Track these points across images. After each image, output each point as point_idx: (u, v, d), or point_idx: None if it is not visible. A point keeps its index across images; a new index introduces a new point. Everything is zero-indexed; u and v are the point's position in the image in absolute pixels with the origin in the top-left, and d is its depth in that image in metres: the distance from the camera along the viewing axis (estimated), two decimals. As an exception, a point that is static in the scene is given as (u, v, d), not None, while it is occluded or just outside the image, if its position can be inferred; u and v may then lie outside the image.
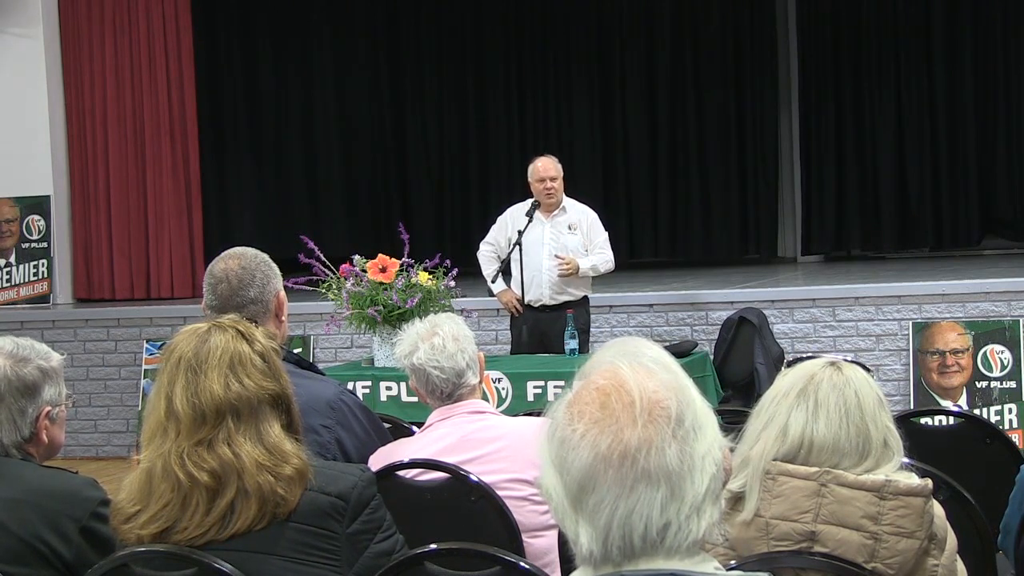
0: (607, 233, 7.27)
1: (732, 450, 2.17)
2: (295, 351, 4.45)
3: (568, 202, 7.24)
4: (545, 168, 7.14)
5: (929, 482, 2.44)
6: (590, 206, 7.35)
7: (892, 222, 11.60)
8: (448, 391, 3.35)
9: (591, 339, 7.51)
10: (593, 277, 7.32)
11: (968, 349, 7.55)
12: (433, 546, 2.51)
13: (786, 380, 2.54)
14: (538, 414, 2.74)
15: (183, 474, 2.34)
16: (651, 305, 8.28)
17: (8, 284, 10.00)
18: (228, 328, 2.44)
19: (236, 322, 2.48)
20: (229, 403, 2.36)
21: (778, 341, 7.87)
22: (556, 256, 7.05)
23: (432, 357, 3.33)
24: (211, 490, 2.34)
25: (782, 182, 12.28)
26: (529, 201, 7.20)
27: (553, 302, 7.14)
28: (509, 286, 7.25)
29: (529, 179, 7.21)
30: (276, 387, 2.42)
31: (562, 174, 7.19)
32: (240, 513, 2.34)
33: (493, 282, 7.26)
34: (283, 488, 2.34)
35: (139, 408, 8.72)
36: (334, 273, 6.52)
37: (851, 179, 11.77)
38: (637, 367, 1.60)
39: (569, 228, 7.16)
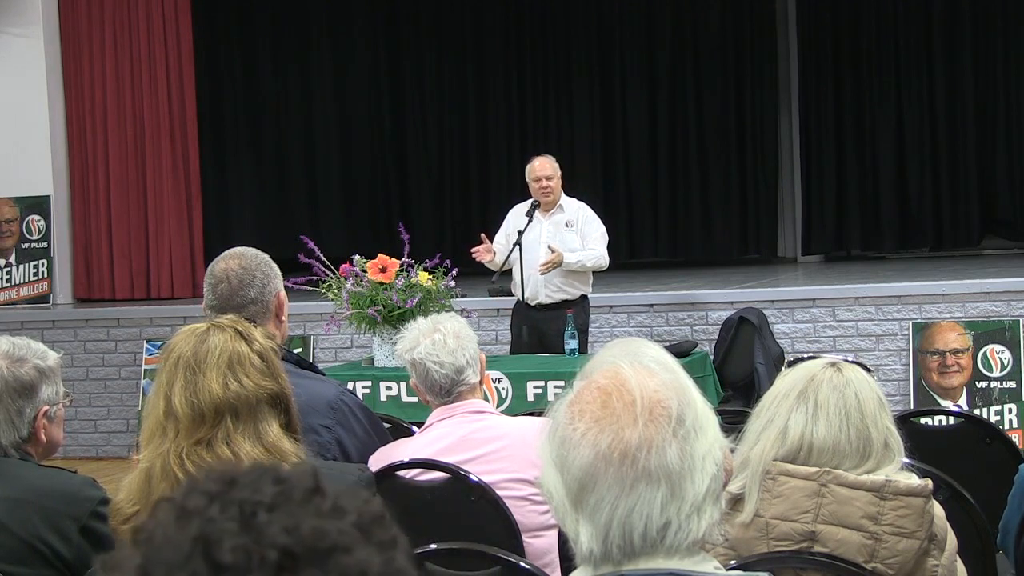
0: (604, 228, 7.21)
1: (732, 451, 2.17)
2: (295, 351, 4.45)
3: (565, 200, 7.22)
4: (541, 167, 7.13)
5: (929, 482, 2.43)
6: (590, 204, 7.34)
7: (892, 222, 11.61)
8: (447, 387, 3.35)
9: (590, 339, 7.51)
10: (594, 276, 7.30)
11: (968, 349, 7.54)
12: (433, 546, 2.51)
13: (786, 381, 2.53)
14: (538, 414, 2.74)
15: (182, 474, 2.34)
16: (651, 305, 8.27)
17: (8, 284, 10.00)
18: (227, 328, 2.44)
19: (235, 322, 2.48)
20: (228, 402, 2.36)
21: (778, 341, 7.86)
22: (548, 248, 7.01)
23: (432, 352, 3.34)
24: (210, 490, 2.33)
25: (782, 182, 12.28)
26: (530, 201, 7.20)
27: (550, 300, 7.12)
28: (509, 286, 7.25)
29: (527, 178, 7.21)
30: (275, 387, 2.42)
31: (559, 173, 7.17)
32: (239, 513, 2.33)
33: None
34: (282, 488, 2.33)
35: (139, 408, 8.71)
36: (334, 273, 6.52)
37: (851, 179, 11.77)
38: (638, 367, 1.60)
39: (567, 225, 7.14)
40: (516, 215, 7.25)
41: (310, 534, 0.88)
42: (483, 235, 7.17)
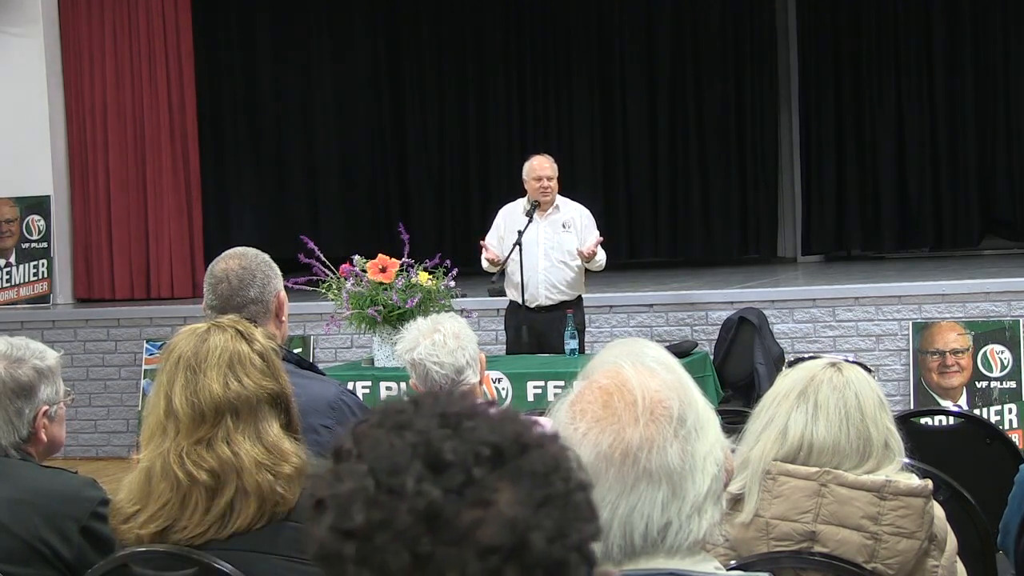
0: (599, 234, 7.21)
1: (733, 451, 2.17)
2: (295, 351, 4.45)
3: (561, 200, 7.17)
4: (541, 166, 7.08)
5: (929, 483, 2.43)
6: (589, 206, 7.31)
7: (892, 222, 11.61)
8: (447, 388, 3.35)
9: (590, 339, 7.50)
10: (593, 276, 7.30)
11: (968, 349, 7.54)
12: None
13: (786, 381, 2.53)
14: (539, 414, 2.74)
15: (182, 473, 2.34)
16: (651, 305, 8.27)
17: (8, 284, 9.99)
18: (227, 328, 2.44)
19: (235, 322, 2.48)
20: (228, 402, 2.36)
21: (778, 341, 7.86)
22: (577, 251, 6.99)
23: (432, 353, 3.34)
24: (210, 489, 2.34)
25: (782, 182, 12.28)
26: (524, 200, 7.14)
27: (548, 302, 7.10)
28: (505, 286, 7.22)
29: (524, 177, 7.14)
30: (275, 386, 2.42)
31: (557, 174, 7.14)
32: (239, 512, 2.33)
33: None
34: (282, 487, 2.34)
35: (139, 408, 8.71)
36: (334, 273, 6.52)
37: (851, 179, 11.77)
38: (640, 367, 1.60)
39: (563, 226, 7.11)
40: (508, 215, 7.20)
41: (511, 433, 1.03)
42: (482, 243, 7.15)
